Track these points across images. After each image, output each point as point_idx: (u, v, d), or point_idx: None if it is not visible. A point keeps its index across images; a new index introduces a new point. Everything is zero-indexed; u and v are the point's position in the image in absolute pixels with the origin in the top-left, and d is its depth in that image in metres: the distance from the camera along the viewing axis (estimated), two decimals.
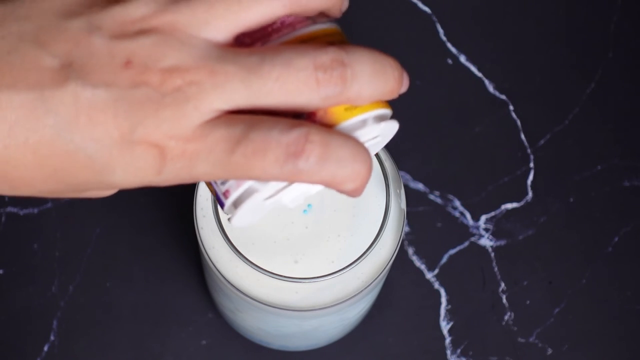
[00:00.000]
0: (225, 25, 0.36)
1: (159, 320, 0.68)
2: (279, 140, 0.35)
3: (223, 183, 0.38)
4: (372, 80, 0.36)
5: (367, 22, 0.74)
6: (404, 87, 0.38)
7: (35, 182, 0.36)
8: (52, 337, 0.67)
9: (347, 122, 0.37)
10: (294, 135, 0.35)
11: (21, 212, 0.69)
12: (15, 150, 0.35)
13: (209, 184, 0.39)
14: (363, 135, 0.38)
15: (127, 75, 0.35)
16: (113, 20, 0.35)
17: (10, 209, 0.69)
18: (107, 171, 0.36)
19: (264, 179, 0.36)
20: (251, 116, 0.35)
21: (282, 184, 0.38)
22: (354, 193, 0.37)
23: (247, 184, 0.37)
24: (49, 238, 0.69)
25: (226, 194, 0.38)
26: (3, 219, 0.69)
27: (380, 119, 0.38)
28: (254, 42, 0.37)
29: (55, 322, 0.67)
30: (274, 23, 0.37)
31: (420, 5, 0.75)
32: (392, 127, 0.39)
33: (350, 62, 0.36)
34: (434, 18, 0.74)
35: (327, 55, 0.36)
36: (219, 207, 0.39)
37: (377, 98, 0.37)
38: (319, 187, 0.40)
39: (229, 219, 0.39)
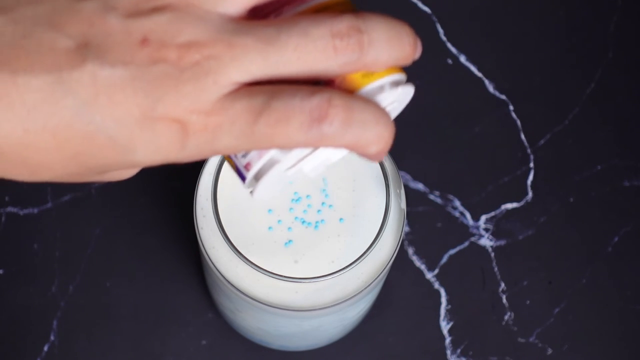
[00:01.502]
0: None
1: (159, 320, 0.68)
2: (302, 106, 0.35)
3: (244, 156, 0.38)
4: (388, 46, 0.37)
5: None
6: (418, 53, 0.38)
7: (56, 166, 0.36)
8: (52, 337, 0.67)
9: (366, 88, 0.37)
10: (316, 100, 0.35)
11: (21, 212, 0.69)
12: (35, 135, 0.35)
13: (228, 158, 0.39)
14: (382, 100, 0.38)
15: (145, 52, 0.35)
16: None
17: (10, 209, 0.69)
18: (128, 150, 0.36)
19: (288, 146, 0.36)
20: (271, 86, 0.36)
21: (303, 153, 0.38)
22: (378, 156, 0.37)
23: (269, 155, 0.37)
24: (49, 238, 0.69)
25: (247, 166, 0.38)
26: (3, 219, 0.69)
27: (397, 84, 0.39)
28: (267, 14, 0.37)
29: (55, 322, 0.67)
30: None
31: (420, 5, 0.75)
32: (408, 92, 0.40)
33: (367, 29, 0.36)
34: (434, 18, 0.74)
35: (343, 23, 0.36)
36: (239, 180, 0.39)
37: (393, 64, 0.37)
38: (339, 155, 0.40)
39: (250, 192, 0.39)
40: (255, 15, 0.37)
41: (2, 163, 0.36)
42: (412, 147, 0.72)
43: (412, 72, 0.74)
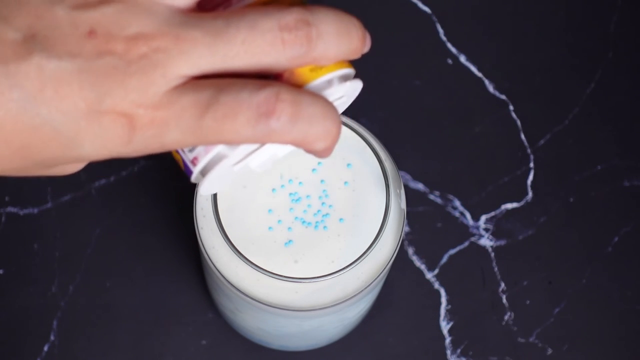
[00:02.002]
0: None
1: (159, 320, 0.68)
2: (249, 101, 0.35)
3: (191, 150, 0.38)
4: (337, 40, 0.36)
5: (367, 22, 0.74)
6: (367, 47, 0.38)
7: (2, 160, 0.36)
8: (52, 337, 0.67)
9: (314, 83, 0.37)
10: (264, 95, 0.35)
11: (21, 212, 0.69)
12: None
13: (175, 152, 0.39)
14: (330, 95, 0.38)
15: (92, 45, 0.34)
16: None
17: (10, 209, 0.69)
18: (75, 144, 0.35)
19: (235, 142, 0.35)
20: (219, 79, 0.35)
21: (250, 148, 0.38)
22: (324, 153, 0.37)
23: (216, 150, 0.37)
24: (49, 238, 0.69)
25: (194, 161, 0.38)
26: (3, 219, 0.69)
27: (345, 78, 0.39)
28: (215, 7, 0.37)
29: (55, 322, 0.67)
30: None
31: (420, 5, 0.75)
32: (356, 87, 0.40)
33: (315, 22, 0.36)
34: (434, 18, 0.74)
35: (292, 16, 0.36)
36: (186, 175, 0.38)
37: (342, 57, 0.37)
38: (286, 150, 0.40)
39: (197, 188, 0.38)
40: (203, 7, 0.37)
41: None
42: (412, 147, 0.72)
43: (412, 72, 0.74)
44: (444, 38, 0.74)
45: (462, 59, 0.74)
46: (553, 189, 0.71)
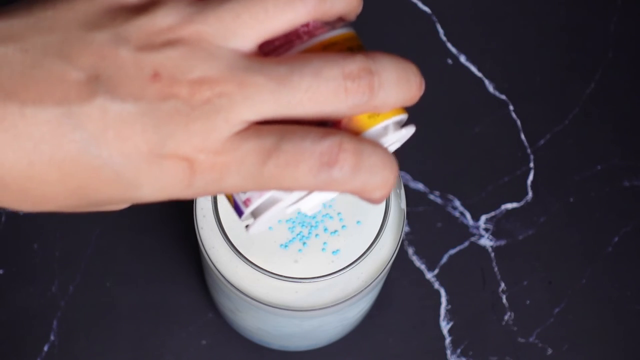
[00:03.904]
0: (251, 34, 0.35)
1: (159, 320, 0.68)
2: (312, 150, 0.35)
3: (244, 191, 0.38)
4: (397, 88, 0.36)
5: (367, 22, 0.74)
6: (421, 93, 0.38)
7: (58, 198, 0.35)
8: (52, 337, 0.67)
9: (372, 130, 0.37)
10: (327, 144, 0.35)
11: (21, 212, 0.69)
12: (40, 167, 0.34)
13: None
14: (386, 141, 0.38)
15: (156, 88, 0.34)
16: (139, 31, 0.35)
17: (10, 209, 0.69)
18: (134, 186, 0.35)
19: (295, 189, 0.35)
20: (281, 126, 0.35)
21: (304, 192, 0.38)
22: (380, 200, 0.37)
23: (270, 193, 0.37)
24: (49, 238, 0.69)
25: (247, 202, 0.37)
26: (3, 219, 0.69)
27: (400, 124, 0.39)
28: (276, 49, 0.37)
29: (55, 322, 0.67)
30: (296, 29, 0.37)
31: (420, 5, 0.75)
32: (409, 132, 0.40)
33: (377, 70, 0.36)
34: (434, 18, 0.74)
35: (355, 64, 0.35)
36: (236, 215, 0.38)
37: (400, 105, 0.37)
38: (335, 194, 0.40)
39: (246, 227, 0.38)
40: (264, 50, 0.36)
41: (4, 194, 0.35)
42: (412, 147, 0.72)
43: None
44: (444, 38, 0.74)
45: (462, 59, 0.74)
46: (553, 189, 0.71)
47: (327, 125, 0.36)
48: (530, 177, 0.71)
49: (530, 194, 0.71)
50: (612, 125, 0.73)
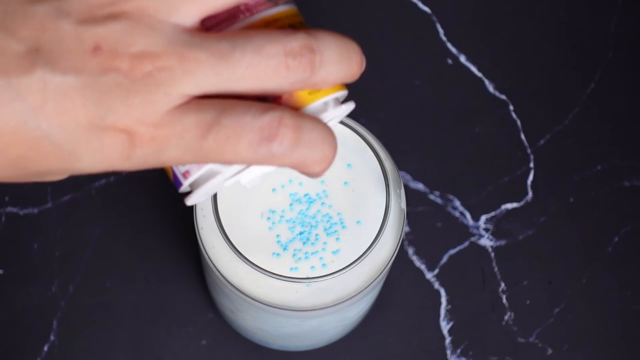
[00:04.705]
0: (194, 9, 0.36)
1: (159, 320, 0.68)
2: (252, 124, 0.35)
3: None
4: (338, 66, 0.37)
5: (367, 22, 0.74)
6: (362, 71, 0.38)
7: None
8: (52, 337, 0.67)
9: (312, 105, 0.38)
10: (267, 119, 0.35)
11: (21, 212, 0.69)
12: None
13: None
14: (325, 117, 0.39)
15: (96, 61, 0.34)
16: (81, 4, 0.35)
17: (10, 209, 0.69)
18: (73, 158, 0.35)
19: (235, 163, 0.36)
20: (222, 100, 0.36)
21: (243, 165, 0.38)
22: (318, 174, 0.37)
23: (209, 166, 0.37)
24: (49, 238, 0.69)
25: (186, 174, 0.38)
26: (3, 219, 0.69)
27: (339, 100, 0.39)
28: (218, 24, 0.37)
29: (55, 322, 0.67)
30: (238, 5, 0.37)
31: (420, 5, 0.75)
32: (349, 108, 0.40)
33: (319, 48, 0.36)
34: (434, 18, 0.74)
35: (297, 42, 0.36)
36: (174, 185, 0.39)
37: (340, 82, 0.37)
38: (274, 167, 0.40)
39: (184, 199, 0.39)
40: (206, 25, 0.37)
41: None
42: (412, 147, 0.72)
43: (412, 72, 0.74)
44: (444, 38, 0.74)
45: (462, 59, 0.74)
46: (553, 189, 0.71)
47: (267, 100, 0.37)
48: (530, 177, 0.71)
49: (530, 194, 0.71)
50: (612, 125, 0.73)
